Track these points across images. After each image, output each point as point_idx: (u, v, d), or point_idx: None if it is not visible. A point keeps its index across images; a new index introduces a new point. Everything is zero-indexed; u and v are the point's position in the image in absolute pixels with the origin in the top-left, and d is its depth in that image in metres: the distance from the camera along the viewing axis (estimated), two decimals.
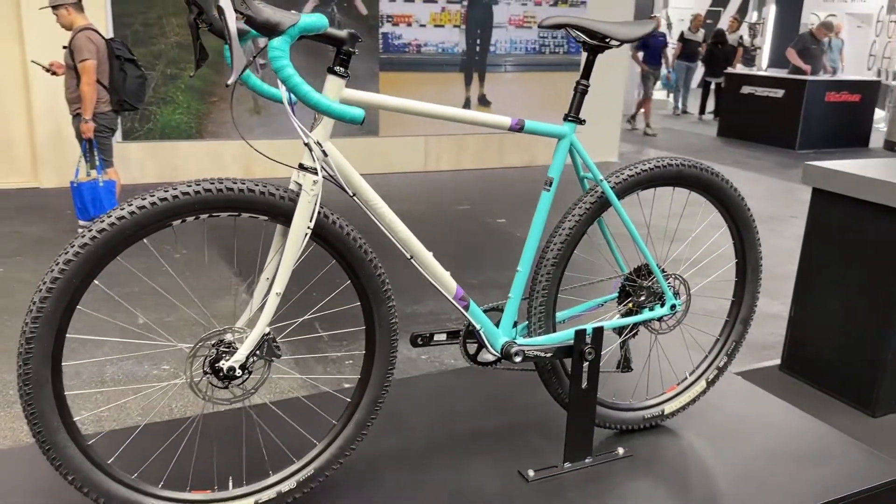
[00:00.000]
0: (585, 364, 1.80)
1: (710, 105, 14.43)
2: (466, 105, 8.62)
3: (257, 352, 1.53)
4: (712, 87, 14.28)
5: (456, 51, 8.49)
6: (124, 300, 4.17)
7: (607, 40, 1.76)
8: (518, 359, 1.76)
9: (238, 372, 1.51)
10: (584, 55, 1.80)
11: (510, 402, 2.18)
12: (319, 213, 1.52)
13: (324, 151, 1.51)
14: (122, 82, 5.43)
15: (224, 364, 1.50)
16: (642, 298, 1.93)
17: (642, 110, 12.31)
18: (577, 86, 1.79)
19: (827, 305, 3.49)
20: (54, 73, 5.47)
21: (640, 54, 11.93)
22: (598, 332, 1.80)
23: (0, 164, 7.08)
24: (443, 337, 1.82)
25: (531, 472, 1.82)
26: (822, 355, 3.55)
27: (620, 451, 1.94)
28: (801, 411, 2.21)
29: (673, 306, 1.95)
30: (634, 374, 2.13)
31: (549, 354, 1.79)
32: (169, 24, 7.18)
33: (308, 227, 1.51)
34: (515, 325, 1.85)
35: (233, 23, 1.23)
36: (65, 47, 5.28)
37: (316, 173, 1.50)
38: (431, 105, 1.60)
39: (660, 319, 1.97)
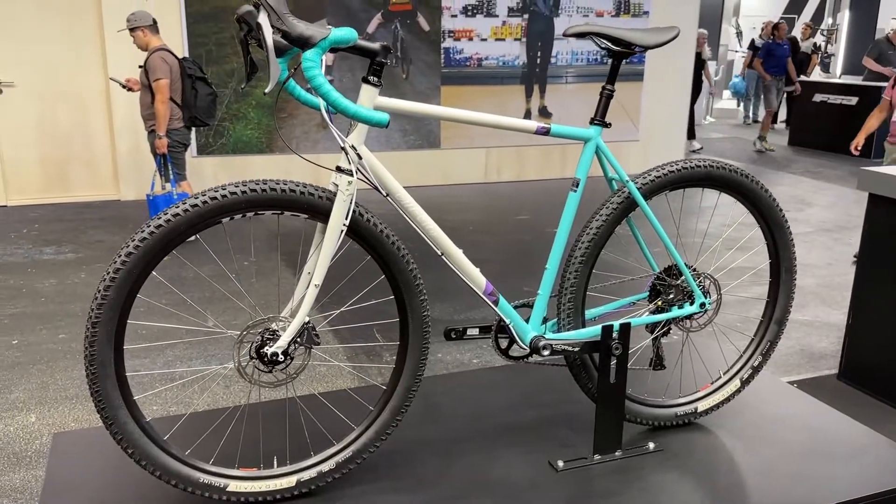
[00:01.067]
0: (613, 359, 1.86)
1: (783, 114, 14.09)
2: (527, 117, 8.70)
3: (298, 339, 1.65)
4: (783, 95, 13.93)
5: (517, 63, 8.59)
6: (192, 302, 4.42)
7: (633, 47, 1.83)
8: (546, 352, 1.84)
9: (280, 357, 1.64)
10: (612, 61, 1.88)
11: (543, 398, 2.25)
12: (354, 211, 1.64)
13: (358, 155, 1.63)
14: (193, 100, 5.74)
15: (268, 349, 1.63)
16: (671, 296, 1.98)
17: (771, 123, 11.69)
18: (603, 91, 1.87)
19: (884, 313, 3.43)
20: (130, 90, 5.83)
21: (761, 63, 11.49)
22: (626, 328, 1.86)
23: (85, 177, 7.54)
24: (475, 332, 1.92)
25: (560, 463, 1.89)
26: (879, 364, 3.49)
27: (651, 445, 1.99)
28: (838, 411, 2.21)
29: (702, 304, 2.00)
30: (668, 372, 2.17)
31: (576, 349, 1.86)
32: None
33: (344, 224, 1.63)
34: (545, 321, 1.93)
35: (269, 37, 1.36)
36: (140, 67, 5.63)
37: (351, 174, 1.62)
38: (458, 110, 1.71)
39: (689, 317, 2.02)
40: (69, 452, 1.97)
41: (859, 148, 6.01)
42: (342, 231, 1.63)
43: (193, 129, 6.03)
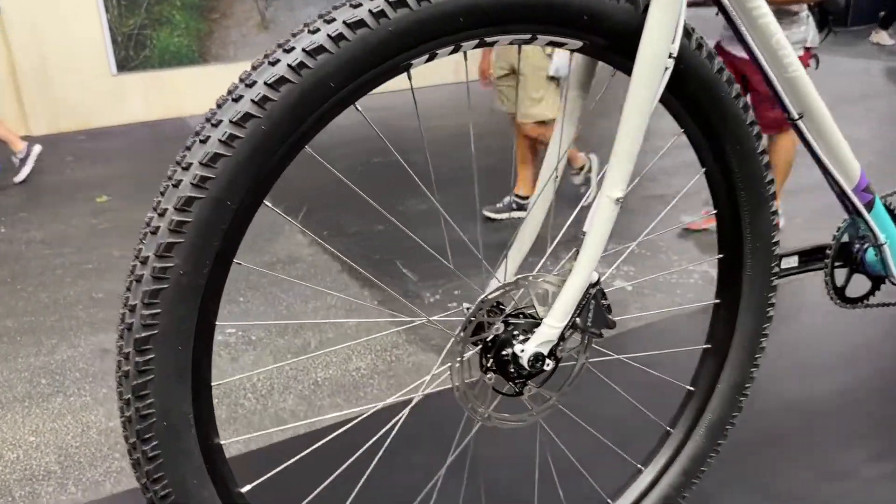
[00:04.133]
0: None
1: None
2: None
3: (577, 319, 0.77)
4: None
5: None
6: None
7: None
8: None
9: (548, 363, 0.76)
10: None
11: (845, 354, 1.45)
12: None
13: None
14: None
15: (523, 350, 0.74)
16: None
17: None
18: None
19: None
20: None
21: None
22: None
23: None
24: (793, 262, 1.06)
25: None
26: None
27: None
28: None
29: None
30: None
31: None
32: None
33: (671, 56, 0.73)
34: None
35: None
36: None
37: None
38: None
39: None
40: None
41: (490, 73, 3.30)
42: (667, 69, 0.74)
43: None
